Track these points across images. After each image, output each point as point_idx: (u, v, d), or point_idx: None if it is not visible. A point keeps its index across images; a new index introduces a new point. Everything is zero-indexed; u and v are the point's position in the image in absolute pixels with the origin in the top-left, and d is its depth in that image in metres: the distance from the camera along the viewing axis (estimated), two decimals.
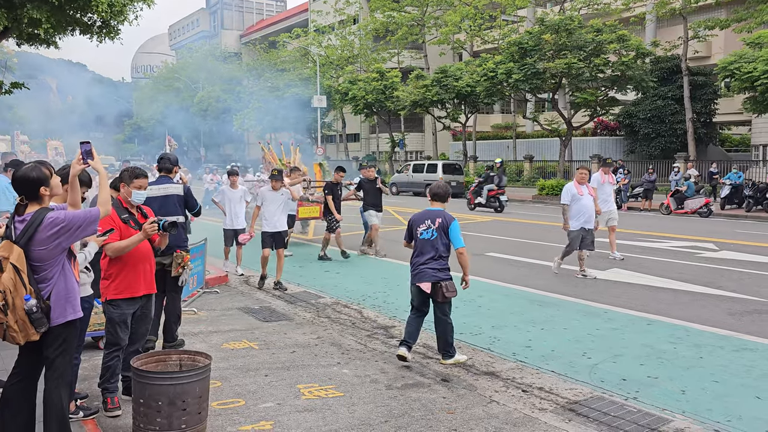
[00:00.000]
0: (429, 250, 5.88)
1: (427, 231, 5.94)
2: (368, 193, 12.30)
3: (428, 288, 5.81)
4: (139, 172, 4.87)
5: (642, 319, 7.50)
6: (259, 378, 5.43)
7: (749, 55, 20.94)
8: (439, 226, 5.89)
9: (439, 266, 5.84)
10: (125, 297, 4.69)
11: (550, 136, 34.79)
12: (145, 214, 4.90)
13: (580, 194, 9.96)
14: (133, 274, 4.71)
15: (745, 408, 4.86)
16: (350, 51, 47.33)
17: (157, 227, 4.61)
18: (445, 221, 5.90)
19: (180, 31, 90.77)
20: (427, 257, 5.87)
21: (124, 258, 4.65)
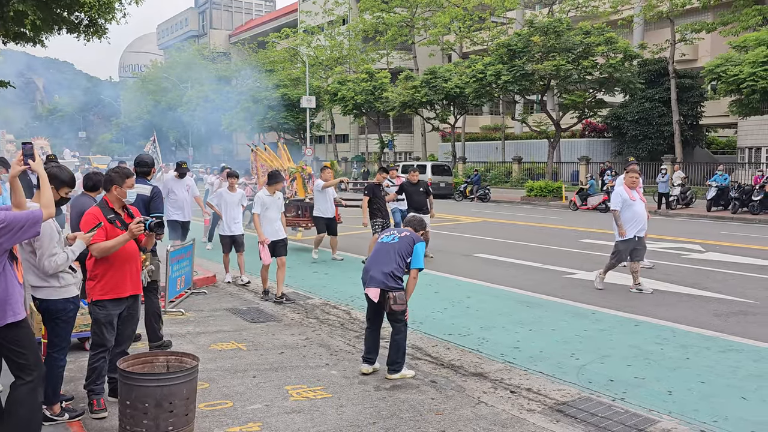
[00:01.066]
0: (385, 255, 5.56)
1: (389, 236, 5.73)
2: (411, 197, 11.67)
3: (376, 295, 5.47)
4: (129, 172, 4.84)
5: (629, 320, 7.54)
6: (247, 379, 5.40)
7: (735, 59, 21.15)
8: (405, 237, 5.63)
9: (391, 272, 5.47)
10: (111, 298, 4.65)
11: (538, 137, 34.98)
12: (132, 214, 4.87)
13: (632, 199, 9.01)
14: (119, 274, 4.67)
15: (731, 408, 4.90)
16: (339, 52, 47.32)
17: (143, 227, 4.58)
18: (414, 238, 5.64)
19: (168, 30, 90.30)
20: (382, 263, 5.53)
21: (110, 258, 4.61)
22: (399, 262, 5.52)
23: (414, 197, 11.66)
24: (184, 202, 10.37)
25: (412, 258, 5.57)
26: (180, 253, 8.38)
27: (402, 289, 5.51)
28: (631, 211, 8.96)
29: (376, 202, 11.28)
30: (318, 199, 11.83)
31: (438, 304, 8.42)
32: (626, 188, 9.10)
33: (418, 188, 11.75)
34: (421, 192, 11.72)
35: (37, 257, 4.24)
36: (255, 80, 51.71)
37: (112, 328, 4.69)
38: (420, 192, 11.72)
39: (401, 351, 5.51)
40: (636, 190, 9.17)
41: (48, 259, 4.22)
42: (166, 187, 10.30)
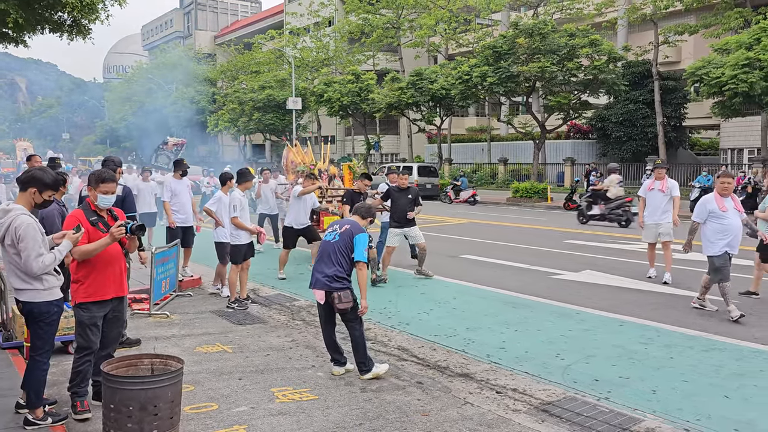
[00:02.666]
0: (327, 254, 5.54)
1: (331, 233, 5.67)
2: (395, 204, 10.04)
3: (321, 297, 5.49)
4: (106, 176, 4.73)
5: (613, 320, 7.60)
6: (232, 382, 5.38)
7: (717, 61, 21.38)
8: (345, 232, 5.56)
9: (334, 275, 5.43)
10: (95, 300, 4.60)
11: (524, 139, 35.15)
12: (116, 216, 4.82)
13: (723, 210, 7.74)
14: (102, 276, 4.63)
15: (714, 407, 4.95)
16: (325, 53, 47.25)
17: (124, 230, 4.53)
18: (353, 230, 5.56)
19: (153, 31, 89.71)
20: (325, 263, 5.52)
21: (92, 261, 4.57)
22: (340, 261, 5.47)
23: (398, 204, 9.97)
24: (187, 205, 10.01)
25: (354, 251, 5.49)
26: (165, 255, 8.33)
27: (347, 288, 5.45)
28: (721, 222, 7.71)
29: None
30: (293, 206, 10.41)
31: (424, 305, 8.43)
32: (717, 197, 7.86)
33: (406, 195, 10.05)
34: (408, 200, 10.03)
35: (23, 259, 4.19)
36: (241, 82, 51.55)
37: (97, 330, 4.65)
38: (408, 200, 10.02)
39: (360, 350, 5.48)
40: (731, 197, 7.93)
41: (35, 260, 4.18)
42: (169, 189, 10.05)
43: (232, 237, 8.27)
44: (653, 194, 9.96)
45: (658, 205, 9.90)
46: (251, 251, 8.50)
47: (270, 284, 9.78)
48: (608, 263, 11.57)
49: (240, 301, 8.22)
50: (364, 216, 5.83)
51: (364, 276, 5.50)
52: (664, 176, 10.04)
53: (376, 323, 7.46)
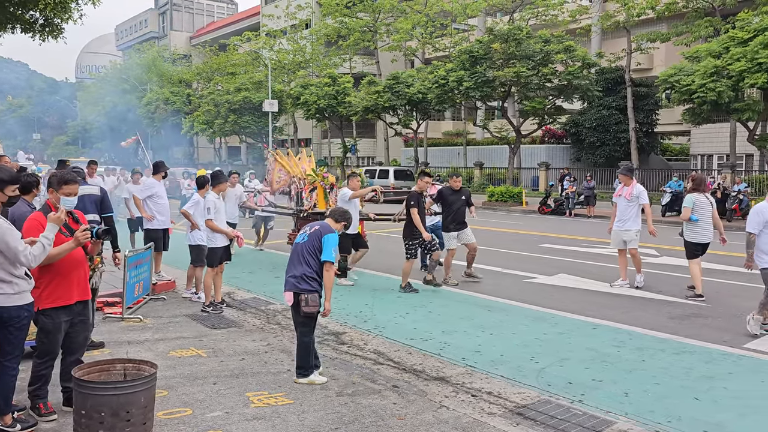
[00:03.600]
0: (296, 256, 5.51)
1: (301, 235, 5.62)
2: (450, 207, 9.91)
3: (289, 299, 5.45)
4: (69, 178, 4.65)
5: (587, 323, 7.69)
6: (207, 386, 5.33)
7: (688, 69, 21.78)
8: (314, 233, 5.51)
9: (302, 275, 5.39)
10: (59, 306, 4.50)
11: (499, 143, 35.43)
12: (78, 219, 4.73)
13: None
14: (66, 281, 4.52)
15: (685, 409, 5.04)
16: (302, 56, 47.12)
17: (90, 234, 4.44)
18: (322, 230, 5.51)
19: (127, 31, 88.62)
20: (294, 265, 5.49)
21: (56, 265, 4.45)
22: (309, 261, 5.42)
23: (454, 208, 9.87)
24: (167, 207, 9.98)
25: (322, 252, 5.43)
26: (138, 258, 8.22)
27: (315, 291, 5.40)
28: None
29: (420, 215, 9.44)
30: None
31: (400, 308, 8.44)
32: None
33: (460, 197, 9.95)
34: (463, 201, 9.98)
35: (11, 256, 4.07)
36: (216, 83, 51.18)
37: (61, 335, 4.56)
38: (462, 201, 9.96)
39: (304, 355, 5.45)
40: None
41: (23, 254, 4.07)
42: (151, 190, 9.92)
43: (209, 240, 8.19)
44: (620, 201, 9.86)
45: (622, 212, 9.77)
46: (227, 255, 8.43)
47: (245, 287, 9.71)
48: (582, 267, 11.71)
49: (215, 304, 8.14)
50: (338, 220, 5.77)
51: (330, 277, 5.46)
52: (629, 182, 9.75)
53: (352, 327, 7.46)
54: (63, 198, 4.59)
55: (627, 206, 9.74)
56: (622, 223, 9.77)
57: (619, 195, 9.95)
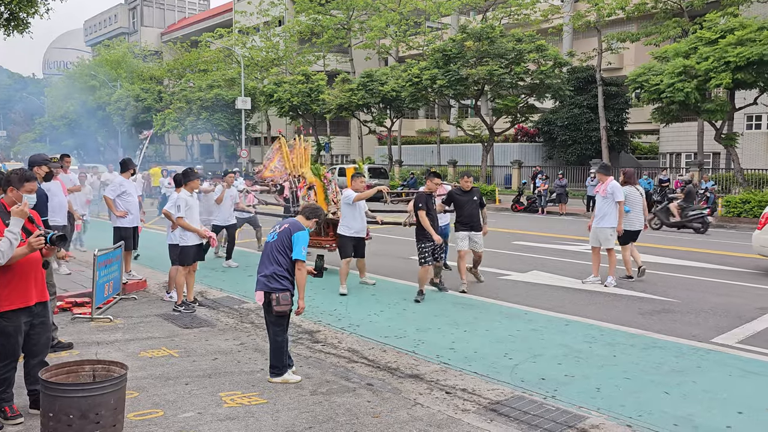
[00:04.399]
0: (267, 255, 5.45)
1: (271, 234, 5.56)
2: (462, 208, 9.41)
3: (260, 298, 5.38)
4: (30, 175, 4.57)
5: (560, 319, 7.76)
6: (178, 387, 5.25)
7: (656, 68, 22.12)
8: (283, 231, 5.44)
9: (273, 274, 5.34)
10: (18, 307, 4.39)
11: (472, 141, 35.63)
12: (32, 218, 4.60)
13: None
14: (24, 282, 4.40)
15: (655, 403, 5.11)
16: (275, 53, 46.82)
17: (44, 240, 4.32)
18: (292, 228, 5.44)
19: (96, 26, 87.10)
20: (264, 264, 5.44)
21: (13, 267, 4.32)
22: (279, 260, 5.37)
23: (466, 209, 9.35)
24: (137, 205, 9.87)
25: (293, 250, 5.38)
26: (108, 257, 8.08)
27: (286, 289, 5.36)
28: None
29: (431, 216, 8.80)
30: (346, 214, 9.47)
31: (374, 306, 8.43)
32: None
33: (472, 197, 9.41)
34: (474, 202, 9.42)
35: None
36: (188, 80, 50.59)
37: (21, 338, 4.46)
38: (473, 202, 9.41)
39: (278, 355, 5.42)
40: None
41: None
42: (120, 188, 9.74)
43: (181, 238, 8.08)
44: (597, 198, 10.12)
45: (599, 209, 9.95)
46: (200, 254, 8.29)
47: (218, 286, 9.61)
48: (554, 264, 11.83)
49: (187, 304, 8.04)
50: (309, 217, 5.68)
51: (302, 276, 5.40)
52: (605, 179, 9.90)
53: (326, 325, 7.43)
54: (26, 195, 4.50)
55: (603, 203, 9.89)
56: (598, 221, 9.91)
57: (596, 192, 10.19)
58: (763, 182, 24.36)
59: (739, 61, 19.22)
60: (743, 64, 19.22)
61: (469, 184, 9.40)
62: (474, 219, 9.39)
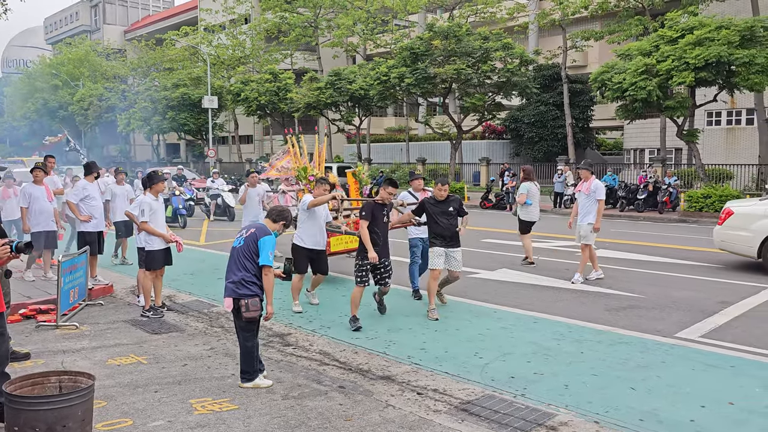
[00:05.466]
0: (234, 261, 5.41)
1: (237, 239, 5.49)
2: (435, 220, 8.06)
3: (229, 305, 5.35)
4: None
5: (529, 317, 7.87)
6: (147, 395, 5.19)
7: (619, 66, 22.50)
8: (250, 236, 5.38)
9: (241, 280, 5.30)
10: None
11: (441, 139, 35.81)
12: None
13: None
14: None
15: (622, 399, 5.22)
16: (242, 51, 46.39)
17: (9, 249, 4.23)
18: (258, 233, 5.38)
19: (57, 24, 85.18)
20: (232, 270, 5.40)
21: None
22: (247, 265, 5.33)
23: (440, 221, 8.02)
24: (101, 209, 9.72)
25: (259, 255, 5.33)
26: (73, 263, 7.94)
27: (255, 295, 5.33)
28: None
29: (373, 230, 7.56)
30: (303, 222, 8.55)
31: (345, 307, 8.40)
32: None
33: (447, 207, 8.07)
34: (450, 213, 8.08)
35: None
36: (153, 79, 49.82)
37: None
38: (449, 214, 8.07)
39: (248, 360, 5.39)
40: None
41: None
42: (84, 192, 9.52)
43: (146, 242, 7.97)
44: (579, 196, 10.26)
45: (582, 206, 10.14)
46: (168, 258, 8.18)
47: (187, 290, 9.51)
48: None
49: (155, 309, 7.94)
50: (275, 220, 5.62)
51: (270, 281, 5.36)
52: (589, 177, 10.19)
53: (297, 327, 7.41)
54: None
55: (586, 201, 10.10)
56: (582, 218, 10.11)
57: (579, 190, 10.32)
58: (724, 177, 24.99)
59: (698, 62, 19.67)
60: (702, 64, 19.68)
61: (444, 192, 8.07)
62: (451, 232, 8.06)
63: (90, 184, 9.59)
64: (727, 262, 11.64)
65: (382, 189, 7.72)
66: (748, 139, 28.89)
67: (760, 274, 10.39)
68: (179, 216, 18.04)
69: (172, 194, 18.17)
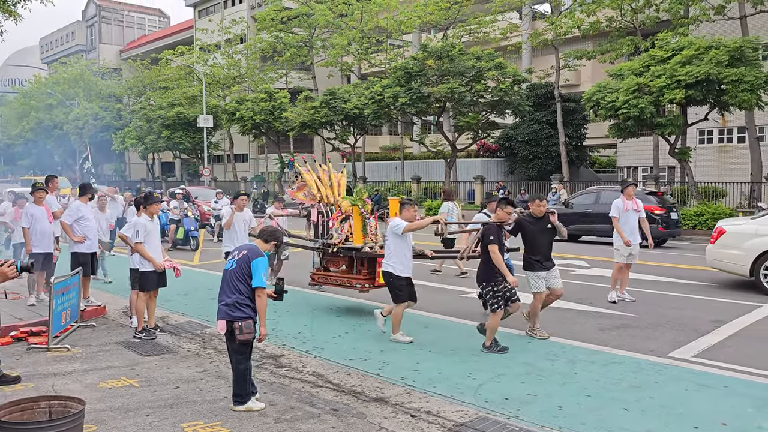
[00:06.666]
0: (226, 283, 5.38)
1: (230, 261, 5.48)
2: (532, 239, 7.73)
3: (222, 327, 5.31)
4: None
5: (522, 337, 7.86)
6: (139, 419, 5.16)
7: (612, 86, 22.72)
8: (242, 258, 5.37)
9: (235, 303, 5.28)
10: None
11: (435, 157, 35.96)
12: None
13: None
14: None
15: (615, 420, 5.21)
16: (237, 70, 46.65)
17: (16, 269, 4.24)
18: (250, 255, 5.38)
19: (53, 44, 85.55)
20: (225, 292, 5.37)
21: None
22: (240, 288, 5.32)
23: (537, 240, 7.68)
24: (95, 230, 9.69)
25: (252, 277, 5.32)
26: (65, 284, 7.91)
27: (249, 317, 5.31)
28: None
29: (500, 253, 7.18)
30: (394, 248, 7.78)
31: (339, 328, 8.42)
32: None
33: (545, 225, 7.69)
34: (549, 231, 7.72)
35: None
36: (148, 98, 49.99)
37: None
38: (547, 231, 7.70)
39: (241, 383, 5.37)
40: None
41: None
42: (78, 213, 9.49)
43: (140, 263, 7.95)
44: (629, 215, 10.00)
45: (633, 225, 9.98)
46: (162, 280, 8.14)
47: (180, 311, 9.47)
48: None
49: (148, 330, 7.90)
50: (267, 240, 5.60)
51: (263, 303, 5.35)
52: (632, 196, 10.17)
53: (290, 349, 7.38)
54: None
55: (635, 218, 10.02)
56: (635, 237, 10.00)
57: (627, 210, 10.02)
58: (716, 195, 25.12)
59: (688, 79, 19.90)
60: (692, 81, 19.90)
61: (543, 209, 7.64)
62: (548, 251, 7.75)
63: (84, 205, 9.58)
64: (719, 281, 11.67)
65: (499, 209, 7.38)
66: (739, 157, 29.09)
67: (753, 293, 10.43)
68: (191, 238, 17.43)
69: (184, 215, 17.62)
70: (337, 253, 9.33)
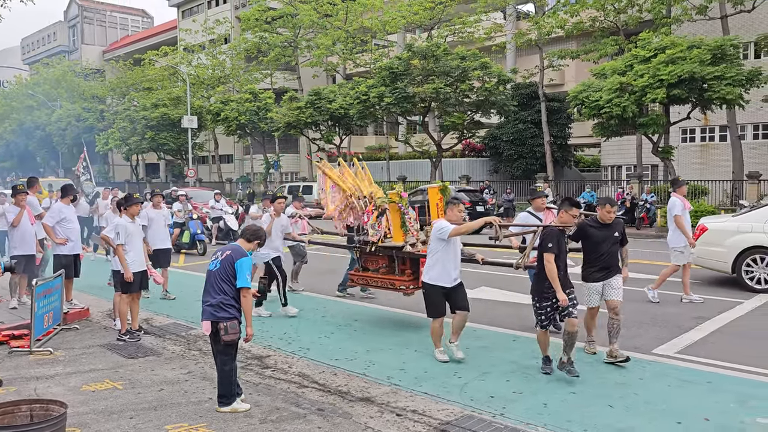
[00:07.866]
0: (210, 284, 5.37)
1: (213, 262, 5.45)
2: (596, 248, 6.86)
3: (207, 328, 5.29)
4: None
5: (508, 335, 7.89)
6: (123, 421, 5.11)
7: (596, 85, 22.85)
8: (226, 258, 5.36)
9: (219, 303, 5.26)
10: None
11: (421, 157, 36.00)
12: None
13: None
14: None
15: (600, 417, 5.24)
16: (222, 71, 46.41)
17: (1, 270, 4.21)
18: (234, 255, 5.36)
19: (34, 44, 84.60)
20: (209, 293, 5.35)
21: None
22: (224, 288, 5.30)
23: (602, 248, 6.82)
24: (77, 231, 9.58)
25: (237, 278, 5.30)
26: (47, 287, 7.82)
27: (234, 317, 5.29)
28: None
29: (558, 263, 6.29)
30: (438, 254, 6.85)
31: (325, 328, 8.40)
32: None
33: (612, 233, 6.84)
34: (615, 240, 6.87)
35: None
36: (132, 99, 49.58)
37: None
38: (614, 239, 6.85)
39: (226, 384, 5.35)
40: None
41: None
42: (60, 215, 9.40)
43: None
44: (686, 214, 9.82)
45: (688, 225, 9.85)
46: (144, 282, 8.10)
47: (164, 312, 9.40)
48: (502, 279, 12.00)
49: (132, 332, 7.84)
50: (250, 239, 5.57)
51: (248, 303, 5.35)
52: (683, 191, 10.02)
53: (276, 349, 7.36)
54: None
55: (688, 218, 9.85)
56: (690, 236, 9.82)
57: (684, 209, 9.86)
58: (699, 193, 25.36)
59: (671, 78, 20.07)
60: (675, 81, 20.09)
61: (612, 215, 6.81)
62: (612, 261, 6.89)
63: (66, 207, 9.49)
64: (702, 278, 11.79)
65: (563, 211, 6.48)
66: (721, 156, 29.41)
67: (735, 289, 10.54)
68: (198, 242, 16.50)
69: (190, 218, 16.74)
70: (376, 252, 8.64)
